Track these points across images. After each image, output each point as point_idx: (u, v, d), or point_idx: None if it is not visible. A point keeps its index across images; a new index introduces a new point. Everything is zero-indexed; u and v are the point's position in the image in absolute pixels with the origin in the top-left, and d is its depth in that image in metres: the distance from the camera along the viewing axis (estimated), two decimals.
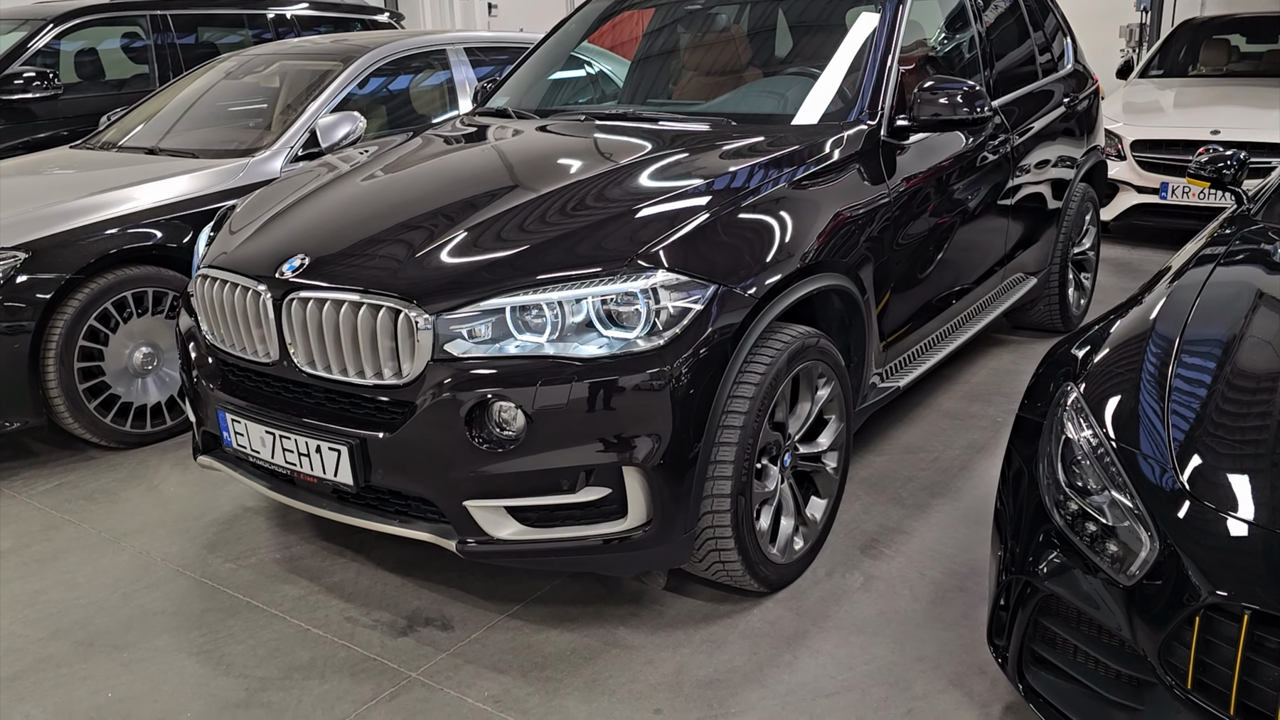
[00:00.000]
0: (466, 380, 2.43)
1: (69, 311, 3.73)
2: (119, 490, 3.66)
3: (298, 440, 2.63)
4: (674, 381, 2.44)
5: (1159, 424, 2.11)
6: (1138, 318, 2.57)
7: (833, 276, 2.96)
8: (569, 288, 2.46)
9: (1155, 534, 1.90)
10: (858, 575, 2.96)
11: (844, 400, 3.04)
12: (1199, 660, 1.79)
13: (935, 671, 2.53)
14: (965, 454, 3.74)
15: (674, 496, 2.49)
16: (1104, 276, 5.81)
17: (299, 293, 2.61)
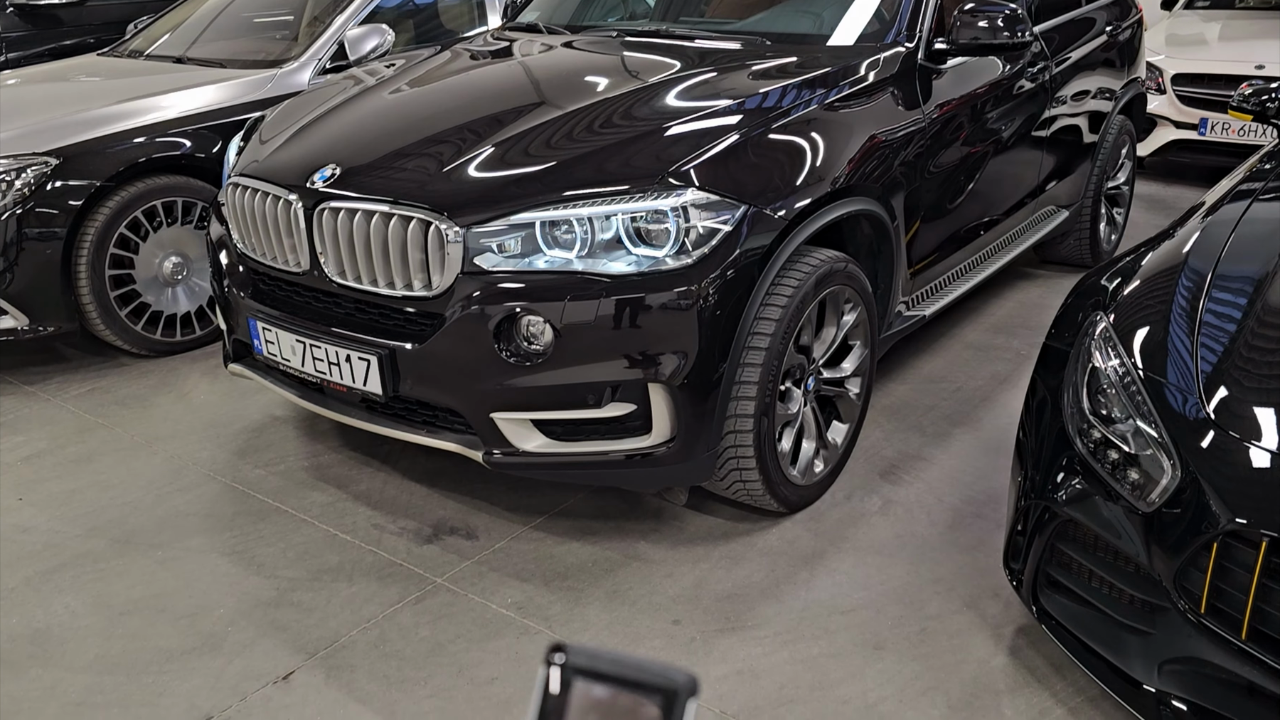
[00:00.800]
0: (495, 294, 2.45)
1: (100, 219, 3.76)
2: (150, 396, 3.73)
3: (328, 349, 2.66)
4: (701, 301, 2.45)
5: (1187, 356, 2.10)
6: (1170, 251, 2.55)
7: (863, 201, 2.94)
8: (599, 204, 2.45)
9: (1177, 462, 1.91)
10: (876, 499, 2.99)
11: (869, 326, 3.04)
12: (1214, 586, 1.81)
13: (949, 593, 2.57)
14: (988, 385, 3.74)
15: (698, 415, 2.52)
16: (1136, 213, 5.72)
17: (330, 203, 2.62)
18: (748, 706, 2.21)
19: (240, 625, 2.47)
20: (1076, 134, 4.48)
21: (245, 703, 2.23)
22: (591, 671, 0.44)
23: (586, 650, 0.45)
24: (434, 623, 2.48)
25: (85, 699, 2.25)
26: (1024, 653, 2.35)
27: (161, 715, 2.20)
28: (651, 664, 0.44)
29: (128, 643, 2.43)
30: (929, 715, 2.18)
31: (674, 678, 0.44)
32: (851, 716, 2.18)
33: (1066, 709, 2.17)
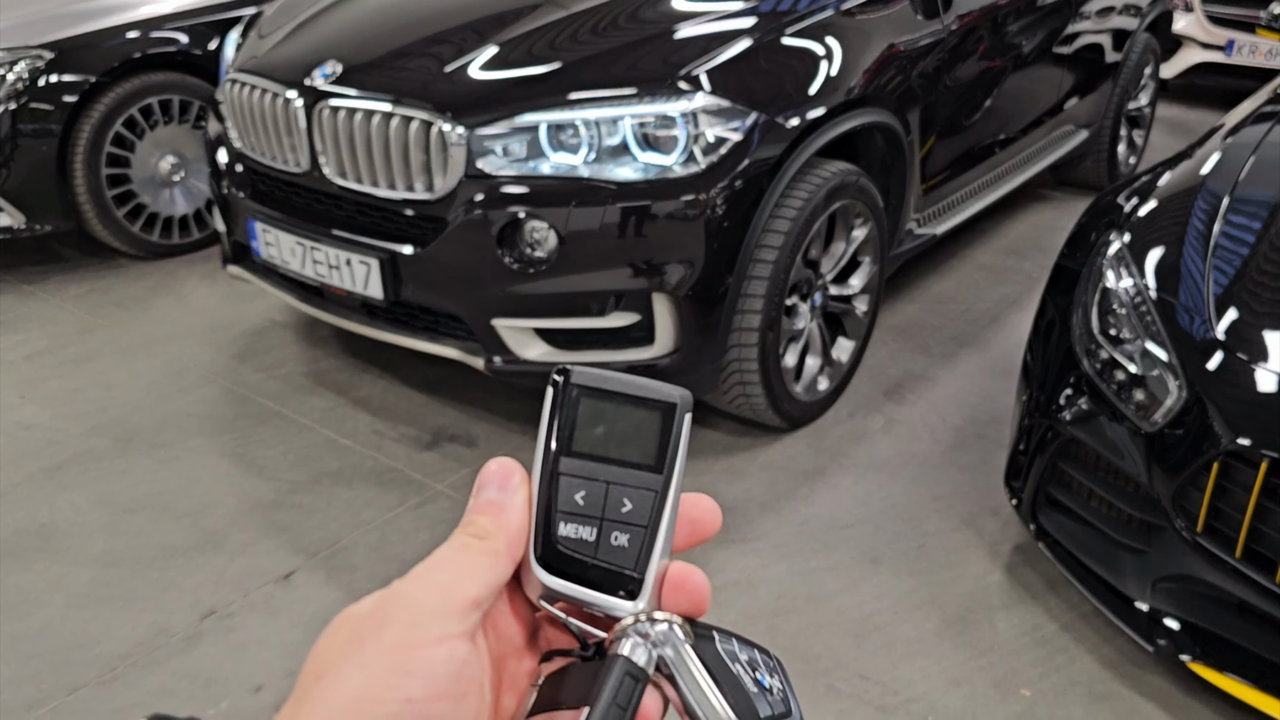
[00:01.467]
0: (499, 198, 2.40)
1: (95, 116, 3.67)
2: (149, 298, 3.70)
3: (328, 252, 2.62)
4: (709, 211, 2.40)
5: (1199, 278, 2.07)
6: (1188, 172, 2.49)
7: (878, 113, 2.86)
8: (605, 107, 2.38)
9: (1183, 383, 1.89)
10: (879, 418, 2.98)
11: (879, 243, 2.99)
12: (1212, 506, 1.81)
13: (949, 511, 2.57)
14: (997, 307, 3.70)
15: (702, 326, 2.49)
16: (1157, 136, 5.59)
17: (330, 101, 2.55)
18: (744, 615, 2.22)
19: (242, 525, 2.49)
20: (1099, 51, 4.35)
21: (248, 599, 2.25)
22: (596, 390, 0.47)
23: (590, 372, 0.47)
24: (434, 527, 2.49)
25: (91, 591, 2.28)
26: (1020, 570, 2.36)
27: (166, 609, 2.23)
28: (650, 383, 0.47)
29: (132, 539, 2.44)
30: (923, 628, 2.20)
31: (671, 392, 0.47)
32: (847, 627, 2.20)
33: (1059, 625, 2.19)
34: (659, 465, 0.46)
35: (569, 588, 0.46)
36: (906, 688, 2.03)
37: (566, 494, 0.46)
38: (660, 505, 0.46)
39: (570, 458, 0.47)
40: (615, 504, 0.46)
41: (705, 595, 0.47)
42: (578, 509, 0.46)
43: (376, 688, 0.39)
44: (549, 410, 0.47)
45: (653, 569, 0.46)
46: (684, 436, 0.46)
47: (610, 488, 0.46)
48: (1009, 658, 2.11)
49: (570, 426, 0.47)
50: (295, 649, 2.11)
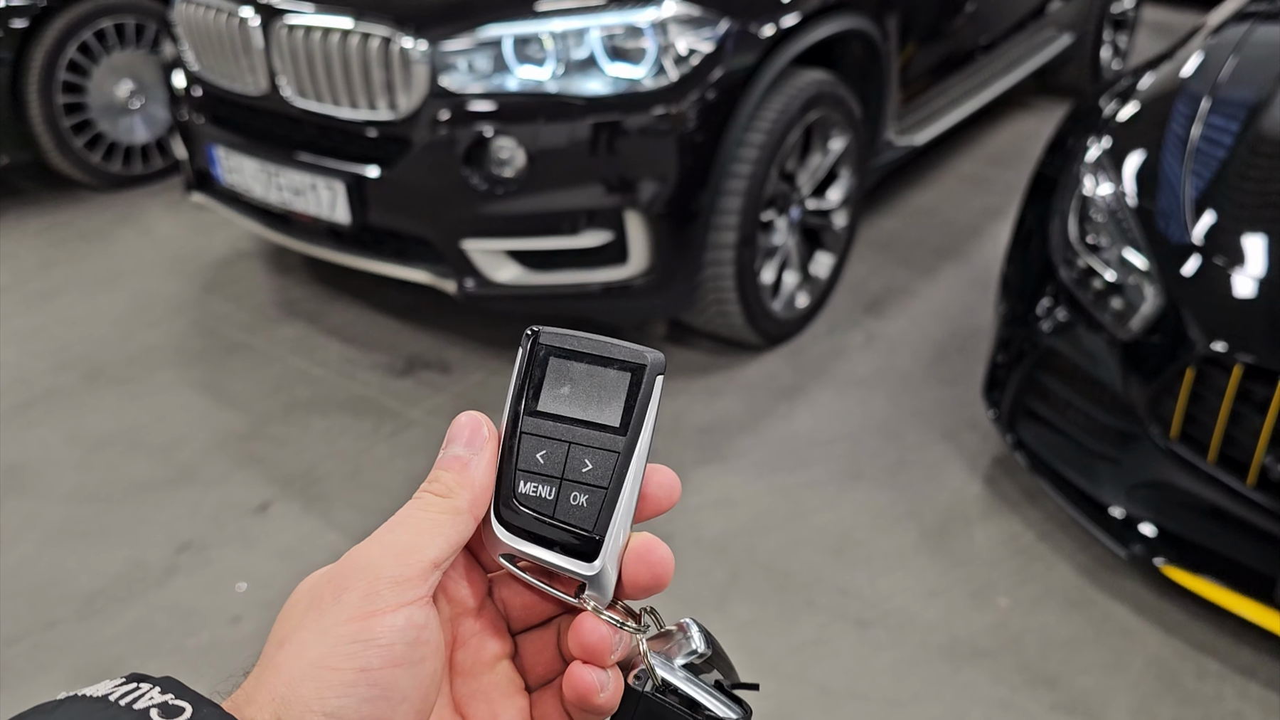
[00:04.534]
0: (464, 116, 2.32)
1: (47, 41, 3.54)
2: (112, 230, 3.61)
3: (292, 177, 2.55)
4: (681, 124, 2.33)
5: (1177, 182, 2.03)
6: (1168, 73, 2.43)
7: (854, 18, 2.77)
8: (571, 17, 2.30)
9: (1160, 289, 1.86)
10: (859, 333, 2.95)
11: (858, 155, 2.93)
12: (1186, 412, 1.80)
13: (928, 425, 2.56)
14: (978, 218, 3.65)
15: (676, 244, 2.44)
16: (1142, 39, 5.48)
17: (287, 18, 2.45)
18: (724, 534, 2.22)
19: (215, 457, 2.46)
20: None
21: (223, 532, 2.24)
22: (565, 350, 0.46)
23: (560, 331, 0.47)
24: (409, 455, 2.47)
25: (65, 528, 2.26)
26: (998, 482, 2.36)
27: (141, 543, 2.21)
28: (622, 344, 0.46)
29: (104, 474, 2.42)
30: (902, 541, 2.20)
31: (643, 353, 0.46)
32: (825, 543, 2.20)
33: (1036, 534, 2.20)
34: (623, 427, 0.46)
35: (527, 547, 0.46)
36: (884, 601, 2.04)
37: (528, 453, 0.46)
38: (623, 467, 0.45)
39: (534, 417, 0.46)
40: (576, 464, 0.46)
41: (668, 569, 0.46)
42: (538, 468, 0.46)
43: (334, 656, 0.40)
44: (517, 370, 0.47)
45: (612, 532, 0.45)
46: (653, 399, 0.46)
47: (571, 447, 0.46)
48: (986, 568, 2.12)
49: (536, 386, 0.47)
50: (272, 580, 2.11)
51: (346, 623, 0.40)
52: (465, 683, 0.47)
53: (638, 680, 0.46)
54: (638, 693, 0.46)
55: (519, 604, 0.49)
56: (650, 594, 0.47)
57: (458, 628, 0.47)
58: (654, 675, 0.46)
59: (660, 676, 0.46)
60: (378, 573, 0.41)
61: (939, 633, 1.97)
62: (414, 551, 0.42)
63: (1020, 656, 1.91)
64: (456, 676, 0.47)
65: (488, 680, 0.47)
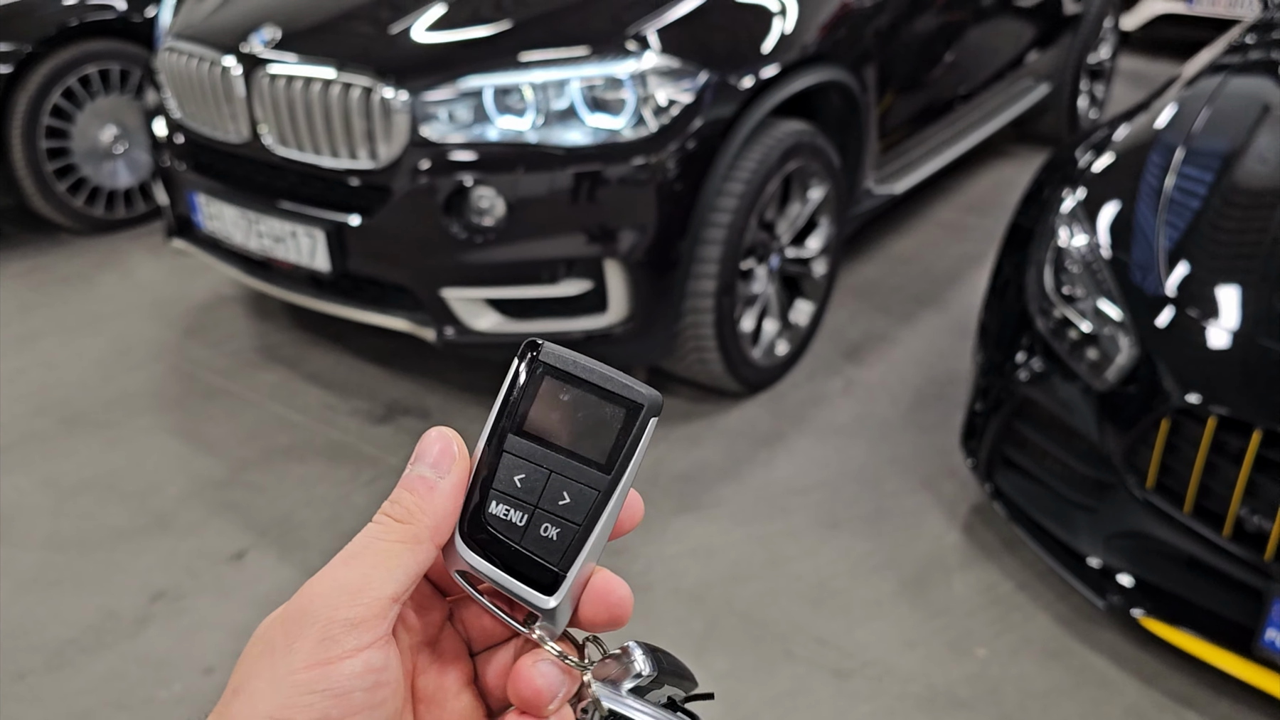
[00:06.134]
0: (445, 165, 2.34)
1: (31, 87, 3.55)
2: (93, 274, 3.61)
3: (272, 224, 2.56)
4: (660, 174, 2.35)
5: (1151, 233, 2.05)
6: (1143, 125, 2.47)
7: (833, 70, 2.81)
8: (552, 69, 2.32)
9: (1134, 340, 1.88)
10: (839, 380, 2.97)
11: (837, 203, 2.96)
12: (1162, 463, 1.81)
13: (907, 473, 2.57)
14: (958, 265, 3.68)
15: (655, 293, 2.45)
16: (1119, 89, 5.58)
17: (270, 67, 2.47)
18: (702, 583, 2.21)
19: (191, 505, 2.44)
20: (1058, 4, 4.31)
21: (198, 580, 2.21)
22: (563, 372, 0.44)
23: (562, 351, 0.45)
24: None
25: (38, 576, 2.23)
26: (977, 531, 2.36)
27: (114, 592, 2.18)
28: (622, 377, 0.44)
29: (79, 521, 2.39)
30: (880, 590, 2.19)
31: (640, 391, 0.44)
32: (804, 592, 2.19)
33: (1015, 583, 2.20)
34: (608, 465, 0.44)
35: (486, 568, 0.44)
36: (863, 651, 2.03)
37: (506, 473, 0.44)
38: (600, 506, 0.44)
39: (519, 437, 0.44)
40: (554, 495, 0.44)
41: (626, 609, 0.45)
42: (514, 491, 0.44)
43: (290, 708, 0.38)
44: (509, 382, 0.45)
45: (575, 569, 0.44)
46: (644, 442, 0.44)
47: (552, 476, 0.44)
48: (964, 618, 2.11)
49: (527, 404, 0.44)
50: (247, 629, 2.06)
51: (301, 671, 0.39)
52: (429, 710, 0.45)
53: (584, 714, 0.45)
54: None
55: (478, 626, 0.48)
56: (607, 631, 0.46)
57: (418, 655, 0.45)
58: (599, 708, 0.45)
59: (606, 708, 0.45)
60: (332, 615, 0.39)
61: (917, 683, 1.96)
62: (370, 588, 0.40)
63: (999, 707, 1.90)
64: (419, 704, 0.45)
65: (451, 708, 0.45)
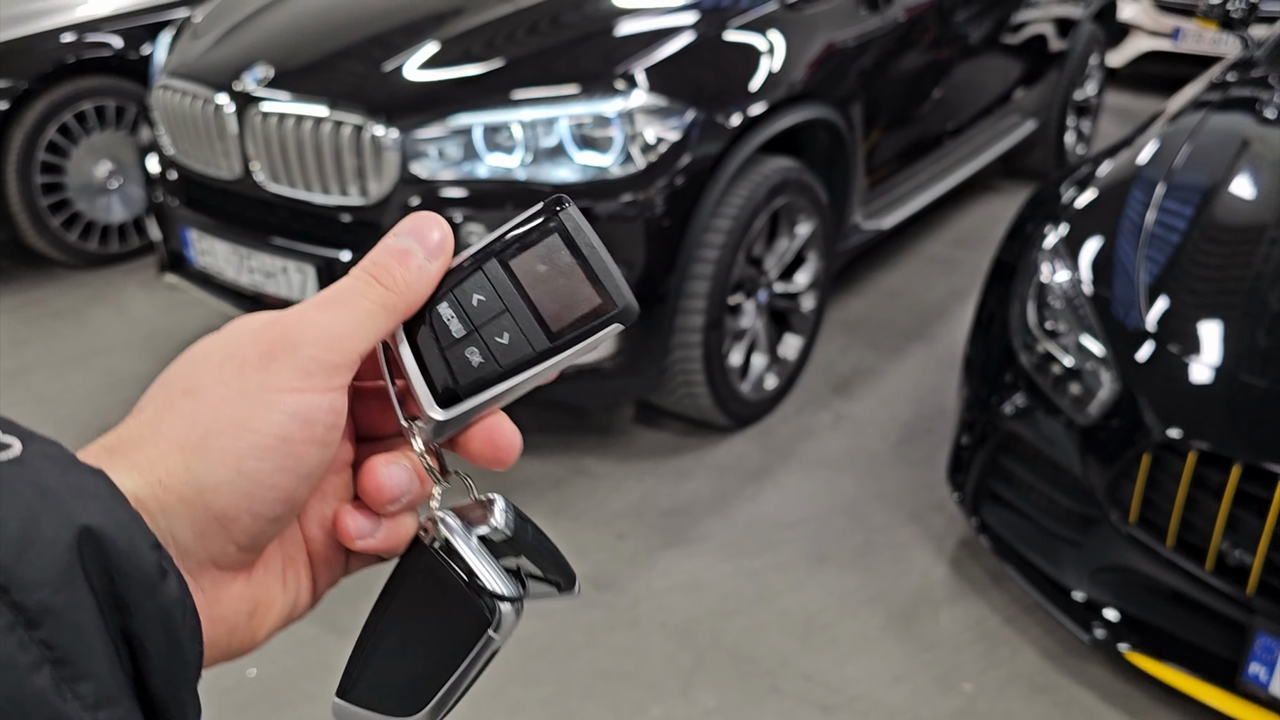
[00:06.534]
0: (434, 202, 2.36)
1: (27, 123, 3.59)
2: (86, 308, 3.62)
3: (263, 260, 2.57)
4: (648, 210, 2.38)
5: (1132, 268, 2.08)
6: (1125, 160, 2.50)
7: (819, 108, 2.85)
8: (540, 107, 2.35)
9: (1116, 375, 1.90)
10: (828, 414, 2.98)
11: (824, 239, 2.98)
12: (1144, 497, 1.82)
13: (895, 507, 2.57)
14: (946, 299, 3.71)
15: (643, 328, 2.47)
16: (1107, 124, 5.64)
17: (262, 105, 2.50)
18: (689, 618, 2.21)
19: None
20: (1044, 41, 4.38)
21: None
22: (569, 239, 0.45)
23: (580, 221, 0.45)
24: None
25: None
26: (964, 565, 2.37)
27: None
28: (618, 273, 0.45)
29: None
30: (868, 625, 2.19)
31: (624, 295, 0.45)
32: (791, 627, 2.19)
33: (1002, 617, 2.20)
34: (557, 336, 0.45)
35: (406, 353, 0.45)
36: (849, 686, 2.03)
37: (470, 287, 0.45)
38: (527, 364, 0.45)
39: (499, 266, 0.45)
40: (497, 329, 0.45)
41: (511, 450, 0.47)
42: (467, 306, 0.45)
43: (255, 419, 0.40)
44: (522, 218, 0.45)
45: (474, 402, 0.45)
46: (597, 338, 0.45)
47: (504, 314, 0.45)
48: (952, 653, 2.11)
49: (524, 245, 0.45)
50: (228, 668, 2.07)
51: (275, 392, 0.40)
52: None
53: (424, 533, 0.46)
54: (420, 545, 0.46)
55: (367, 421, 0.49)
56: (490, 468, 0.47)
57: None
58: (437, 533, 0.45)
59: (444, 536, 0.45)
60: (311, 352, 0.41)
61: (904, 718, 1.95)
62: (348, 340, 0.42)
63: None
64: None
65: (333, 481, 0.47)
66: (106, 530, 0.34)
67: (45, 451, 0.35)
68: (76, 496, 0.34)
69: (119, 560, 0.34)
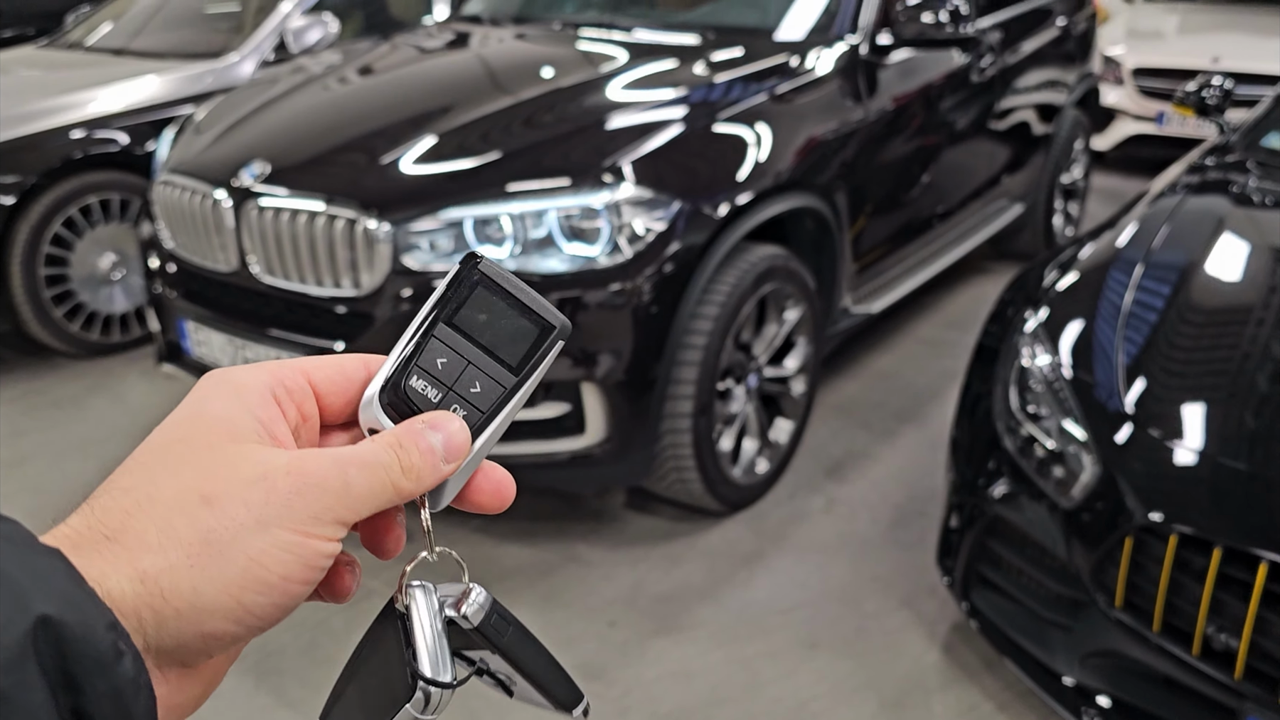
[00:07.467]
0: (426, 293, 2.41)
1: (33, 217, 3.67)
2: (86, 398, 3.66)
3: (258, 350, 2.62)
4: (635, 299, 2.42)
5: (1111, 350, 2.10)
6: (1105, 243, 2.55)
7: (804, 197, 2.92)
8: (530, 200, 2.42)
9: (1097, 458, 1.91)
10: (820, 498, 2.98)
11: (813, 324, 3.02)
12: (1129, 581, 1.81)
13: (888, 591, 2.56)
14: (938, 380, 3.73)
15: (633, 414, 2.49)
16: (1095, 206, 5.73)
17: (259, 200, 2.57)
18: (679, 708, 2.19)
19: None
20: (1029, 127, 4.48)
21: None
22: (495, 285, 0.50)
23: (498, 268, 0.50)
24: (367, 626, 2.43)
25: None
26: (957, 650, 2.34)
27: None
28: (543, 301, 0.50)
29: None
30: (860, 713, 2.17)
31: (555, 315, 0.50)
32: (783, 716, 2.16)
33: (995, 704, 2.17)
34: (518, 369, 0.50)
35: None
36: None
37: (431, 354, 0.49)
38: (503, 401, 0.49)
39: (448, 327, 0.50)
40: (468, 382, 0.49)
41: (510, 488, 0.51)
42: (434, 371, 0.49)
43: (267, 556, 0.41)
44: (449, 281, 0.50)
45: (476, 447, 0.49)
46: (549, 357, 0.50)
47: (469, 367, 0.49)
48: None
49: (460, 303, 0.50)
50: None
51: (291, 531, 0.42)
52: None
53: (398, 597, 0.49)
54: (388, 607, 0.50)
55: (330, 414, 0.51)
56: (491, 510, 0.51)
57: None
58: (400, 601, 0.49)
59: (404, 605, 0.49)
60: (330, 502, 0.43)
61: None
62: (362, 503, 0.44)
63: None
64: None
65: None
66: (63, 617, 0.35)
67: (3, 532, 0.37)
68: (34, 581, 0.35)
69: (73, 644, 0.35)
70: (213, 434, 0.44)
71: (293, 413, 0.48)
